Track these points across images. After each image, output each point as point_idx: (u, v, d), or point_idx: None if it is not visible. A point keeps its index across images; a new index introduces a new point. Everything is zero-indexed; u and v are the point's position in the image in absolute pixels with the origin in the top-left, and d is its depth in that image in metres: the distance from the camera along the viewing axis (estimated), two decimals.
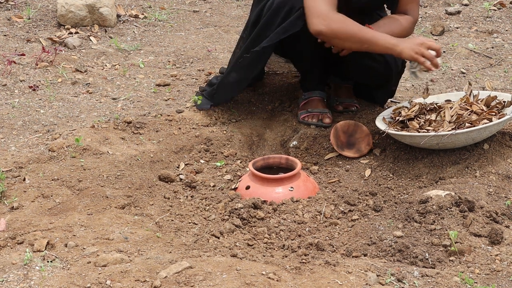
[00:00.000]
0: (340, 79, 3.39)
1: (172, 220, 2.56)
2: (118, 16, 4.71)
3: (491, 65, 4.00)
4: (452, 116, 2.75)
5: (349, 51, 2.98)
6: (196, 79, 3.77)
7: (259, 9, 3.06)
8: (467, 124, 2.71)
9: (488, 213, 2.40)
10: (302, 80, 3.36)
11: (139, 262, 2.14)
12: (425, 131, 2.76)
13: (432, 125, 2.78)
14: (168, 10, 5.03)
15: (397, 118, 2.90)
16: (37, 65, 3.82)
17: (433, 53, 2.79)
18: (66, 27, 4.45)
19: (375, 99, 3.34)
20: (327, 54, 3.15)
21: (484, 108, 2.79)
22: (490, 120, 2.72)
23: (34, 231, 2.32)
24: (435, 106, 2.91)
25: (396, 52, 2.80)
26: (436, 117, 2.82)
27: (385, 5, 3.26)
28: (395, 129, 2.85)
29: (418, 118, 2.86)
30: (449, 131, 2.68)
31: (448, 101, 3.00)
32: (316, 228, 2.55)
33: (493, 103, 2.83)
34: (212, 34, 4.58)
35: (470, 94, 2.92)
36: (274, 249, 2.43)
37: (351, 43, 2.83)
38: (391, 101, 3.44)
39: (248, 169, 2.84)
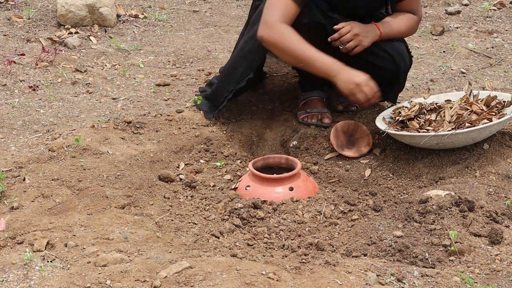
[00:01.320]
0: None
1: (172, 220, 2.56)
2: (118, 16, 4.71)
3: (491, 65, 4.00)
4: (452, 116, 2.75)
5: (358, 52, 2.98)
6: (196, 79, 3.77)
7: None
8: (467, 124, 2.70)
9: (488, 213, 2.40)
10: (301, 80, 3.36)
11: (139, 262, 2.14)
12: (425, 131, 2.75)
13: (432, 125, 2.77)
14: (168, 10, 5.03)
15: (396, 118, 2.90)
16: (37, 65, 3.82)
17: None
18: (66, 27, 4.45)
19: (387, 95, 3.30)
20: (332, 53, 3.15)
21: (484, 108, 2.79)
22: (490, 120, 2.72)
23: (34, 231, 2.32)
24: (435, 106, 2.90)
25: (331, 79, 2.77)
26: (436, 117, 2.82)
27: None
28: (395, 129, 2.85)
29: (418, 118, 2.86)
30: (449, 131, 2.68)
31: (448, 101, 3.00)
32: (316, 228, 2.55)
33: (493, 103, 2.83)
34: (212, 34, 4.58)
35: (470, 94, 2.92)
36: (274, 249, 2.43)
37: (288, 57, 2.83)
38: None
39: (248, 169, 2.84)
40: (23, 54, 3.93)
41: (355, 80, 2.71)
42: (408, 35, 3.16)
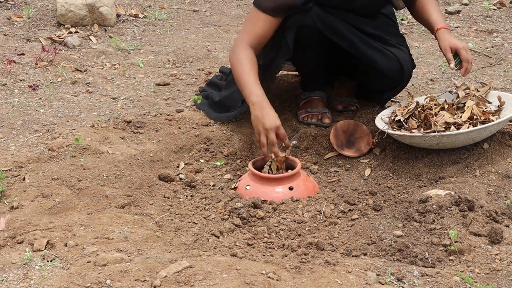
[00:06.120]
0: (347, 78, 3.38)
1: (172, 220, 2.56)
2: (118, 15, 4.71)
3: (491, 64, 4.00)
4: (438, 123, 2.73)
5: None
6: (196, 78, 3.77)
7: None
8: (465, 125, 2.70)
9: (488, 212, 2.40)
10: (302, 80, 3.36)
11: (139, 262, 2.14)
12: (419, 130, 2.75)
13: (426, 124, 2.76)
14: (168, 10, 5.03)
15: (393, 118, 2.89)
16: (37, 64, 3.82)
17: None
18: (66, 26, 4.45)
19: (378, 99, 3.30)
20: (335, 56, 3.15)
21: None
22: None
23: (34, 230, 2.32)
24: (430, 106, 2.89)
25: (250, 109, 2.82)
26: (422, 119, 2.80)
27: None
28: (394, 129, 2.85)
29: (413, 118, 2.85)
30: (450, 131, 2.68)
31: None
32: (316, 228, 2.55)
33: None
34: (212, 34, 4.58)
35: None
36: (274, 248, 2.43)
37: (236, 80, 2.92)
38: (391, 100, 3.43)
39: (248, 168, 2.84)
40: (23, 54, 3.93)
41: (265, 123, 2.76)
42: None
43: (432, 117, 2.75)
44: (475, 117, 2.75)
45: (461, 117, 2.75)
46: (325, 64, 3.20)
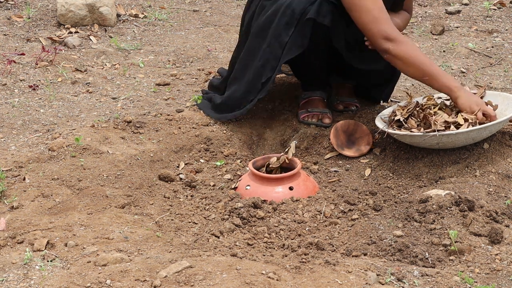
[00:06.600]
0: (342, 78, 3.38)
1: (172, 220, 2.57)
2: (118, 15, 4.71)
3: (491, 64, 4.00)
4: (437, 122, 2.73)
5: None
6: (196, 78, 3.77)
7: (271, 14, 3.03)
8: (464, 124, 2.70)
9: (488, 212, 2.40)
10: (303, 81, 3.35)
11: (139, 262, 2.14)
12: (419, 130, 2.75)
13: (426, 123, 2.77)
14: (168, 10, 5.03)
15: (392, 117, 2.89)
16: (37, 64, 3.82)
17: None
18: (66, 26, 4.46)
19: (379, 96, 3.31)
20: (330, 53, 3.15)
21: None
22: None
23: (34, 230, 2.32)
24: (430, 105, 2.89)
25: (453, 95, 2.78)
26: (421, 119, 2.80)
27: None
28: (394, 129, 2.85)
29: (412, 118, 2.85)
30: (450, 131, 2.68)
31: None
32: (316, 228, 2.55)
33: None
34: (212, 34, 4.59)
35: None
36: (274, 248, 2.43)
37: (414, 70, 2.81)
38: (391, 100, 3.43)
39: (248, 168, 2.84)
40: (23, 54, 3.93)
41: (478, 101, 2.76)
42: (400, 31, 3.17)
43: (432, 116, 2.75)
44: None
45: (456, 117, 2.75)
46: (327, 63, 3.20)
